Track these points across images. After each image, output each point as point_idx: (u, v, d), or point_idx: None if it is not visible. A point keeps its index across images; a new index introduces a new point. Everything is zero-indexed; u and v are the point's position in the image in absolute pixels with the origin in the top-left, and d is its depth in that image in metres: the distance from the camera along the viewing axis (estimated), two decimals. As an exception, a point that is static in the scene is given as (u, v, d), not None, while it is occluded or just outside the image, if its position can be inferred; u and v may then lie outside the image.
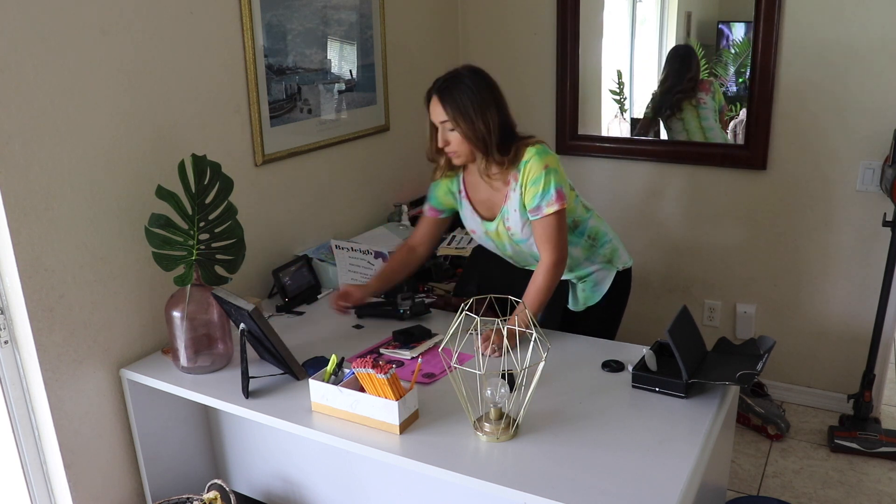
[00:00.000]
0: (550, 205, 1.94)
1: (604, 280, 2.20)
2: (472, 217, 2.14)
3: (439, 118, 1.95)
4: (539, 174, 1.94)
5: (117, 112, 1.90)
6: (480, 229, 2.14)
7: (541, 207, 1.95)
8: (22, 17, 1.65)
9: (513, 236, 2.06)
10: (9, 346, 1.81)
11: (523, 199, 1.98)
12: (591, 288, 2.21)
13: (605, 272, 2.20)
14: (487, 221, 2.10)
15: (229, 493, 1.99)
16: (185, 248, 1.87)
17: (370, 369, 1.59)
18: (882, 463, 2.67)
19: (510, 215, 2.03)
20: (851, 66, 2.65)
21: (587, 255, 2.18)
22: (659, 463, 1.50)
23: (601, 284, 2.20)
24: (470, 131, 1.93)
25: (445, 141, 1.97)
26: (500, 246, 2.15)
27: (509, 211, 2.03)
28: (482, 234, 2.15)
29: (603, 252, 2.19)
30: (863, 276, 2.84)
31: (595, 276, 2.20)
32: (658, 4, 3.18)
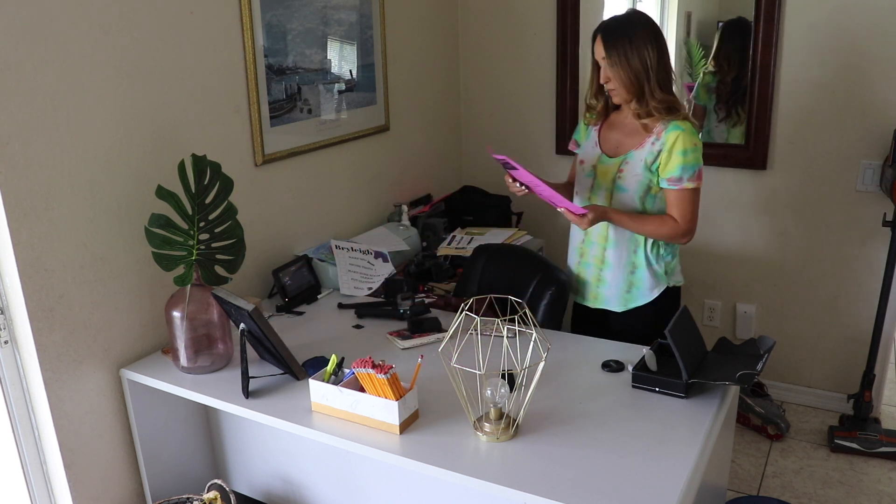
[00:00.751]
0: (692, 180, 2.02)
1: (652, 289, 2.15)
2: (592, 148, 2.18)
3: (599, 55, 2.03)
4: (690, 147, 2.00)
5: (117, 112, 1.90)
6: (593, 161, 2.16)
7: (682, 179, 2.01)
8: (22, 16, 1.65)
9: (619, 179, 2.08)
10: (9, 346, 1.81)
11: (660, 162, 2.03)
12: (638, 289, 2.15)
13: (656, 281, 2.14)
14: (606, 156, 2.13)
15: (229, 493, 1.99)
16: (185, 248, 1.87)
17: (370, 369, 1.59)
18: (882, 463, 2.67)
19: (633, 161, 2.06)
20: (851, 66, 2.65)
21: (655, 250, 2.14)
22: (659, 463, 1.50)
23: (649, 292, 2.15)
24: (626, 67, 1.99)
25: (606, 77, 2.04)
26: (596, 186, 2.15)
27: (636, 157, 2.06)
28: (590, 166, 2.16)
29: (667, 260, 2.16)
30: (863, 276, 2.84)
31: (645, 278, 2.14)
32: (658, 4, 3.18)
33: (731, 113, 2.95)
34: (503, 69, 3.28)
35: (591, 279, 2.21)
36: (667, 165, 2.02)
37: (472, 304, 1.68)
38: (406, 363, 1.85)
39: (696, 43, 3.02)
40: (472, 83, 3.38)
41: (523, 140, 3.32)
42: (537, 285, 2.25)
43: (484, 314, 1.70)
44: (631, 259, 2.14)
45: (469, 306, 1.63)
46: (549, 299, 2.21)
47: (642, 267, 2.14)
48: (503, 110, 3.33)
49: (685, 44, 3.05)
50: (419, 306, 2.20)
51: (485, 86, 3.35)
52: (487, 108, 3.37)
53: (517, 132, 3.33)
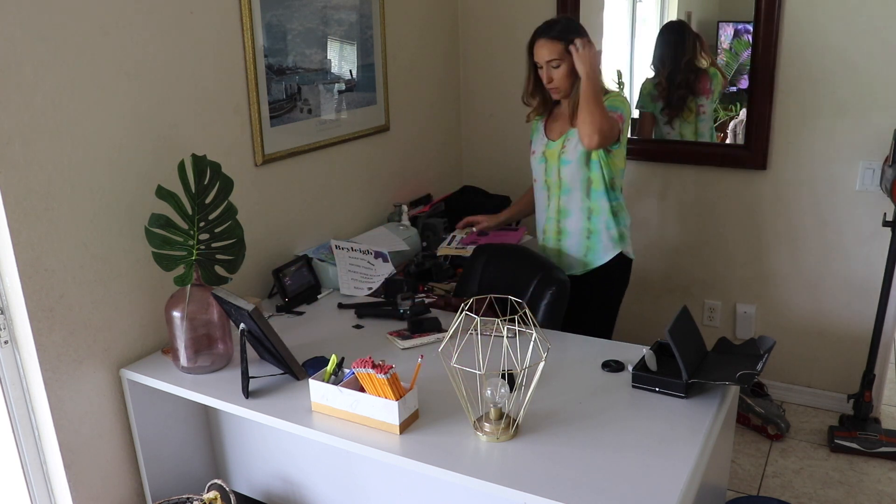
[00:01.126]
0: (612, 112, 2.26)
1: (608, 251, 2.42)
2: (540, 139, 2.48)
3: (546, 57, 2.30)
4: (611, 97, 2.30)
5: (117, 112, 1.90)
6: (541, 149, 2.46)
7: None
8: (22, 17, 1.65)
9: (563, 154, 2.37)
10: (9, 346, 1.81)
11: None
12: (596, 251, 2.42)
13: (612, 244, 2.42)
14: (551, 141, 2.43)
15: (229, 493, 1.99)
16: (185, 248, 1.87)
17: (370, 369, 1.59)
18: (882, 463, 2.67)
19: (573, 136, 2.34)
20: (851, 66, 2.65)
21: (608, 217, 2.40)
22: (659, 463, 1.50)
23: (605, 253, 2.41)
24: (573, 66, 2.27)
25: (550, 78, 2.32)
26: (547, 170, 2.44)
27: (574, 133, 2.33)
28: (540, 154, 2.46)
29: (620, 227, 2.43)
30: (863, 276, 2.84)
31: (602, 241, 2.41)
32: (658, 4, 3.18)
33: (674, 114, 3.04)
34: (503, 69, 3.28)
35: (554, 250, 2.49)
36: None
37: (472, 304, 1.68)
38: (406, 363, 1.85)
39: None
40: (472, 83, 3.38)
41: (523, 140, 3.32)
42: (537, 285, 2.25)
43: (484, 314, 1.70)
44: (585, 226, 2.41)
45: (469, 306, 1.63)
46: (549, 299, 2.21)
47: (597, 232, 2.41)
48: (503, 110, 3.33)
49: (685, 44, 3.05)
50: (419, 306, 2.20)
51: (485, 86, 3.35)
52: (487, 108, 3.37)
53: (517, 132, 3.33)
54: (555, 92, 2.36)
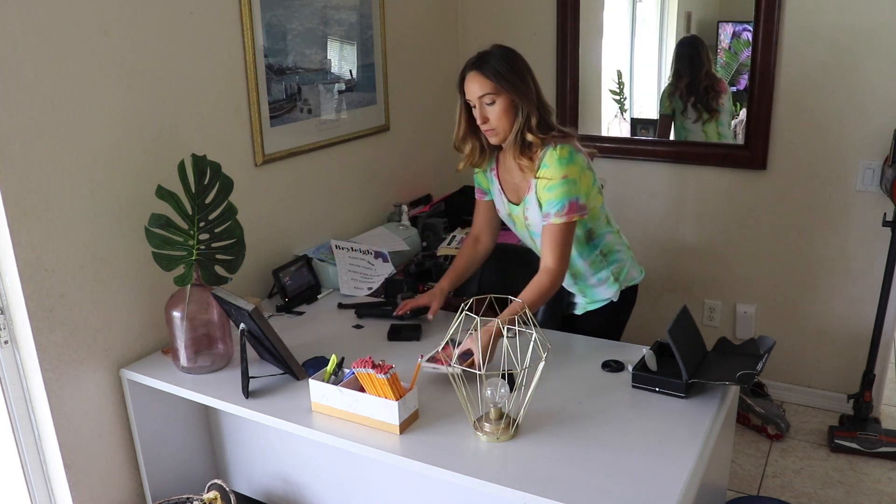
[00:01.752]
0: (559, 215, 1.91)
1: (605, 294, 2.16)
2: (499, 197, 2.13)
3: (479, 92, 1.91)
4: (555, 182, 1.90)
5: (117, 112, 1.90)
6: (505, 210, 2.14)
7: (549, 214, 1.93)
8: (22, 17, 1.65)
9: (529, 227, 2.06)
10: (9, 346, 1.81)
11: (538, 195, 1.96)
12: (593, 296, 2.18)
13: (607, 288, 2.15)
14: (513, 204, 2.09)
15: (229, 493, 1.99)
16: (185, 248, 1.87)
17: (370, 369, 1.59)
18: (882, 463, 2.67)
19: (530, 206, 2.01)
20: (851, 67, 2.65)
21: (594, 270, 2.14)
22: (659, 463, 1.50)
23: (602, 296, 2.17)
24: (514, 96, 1.90)
25: (484, 118, 1.93)
26: (520, 233, 2.17)
27: (530, 202, 2.00)
28: (506, 216, 2.15)
29: (611, 269, 2.15)
30: (863, 276, 2.84)
31: (596, 291, 2.17)
32: (658, 4, 3.18)
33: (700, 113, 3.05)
34: (503, 69, 3.27)
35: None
36: (542, 202, 1.96)
37: (472, 304, 1.68)
38: (406, 363, 1.85)
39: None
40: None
41: (523, 140, 3.32)
42: (537, 285, 2.24)
43: (484, 314, 1.70)
44: (575, 284, 2.17)
45: (469, 306, 1.63)
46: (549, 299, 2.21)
47: (589, 287, 2.16)
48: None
49: (685, 44, 3.06)
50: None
51: (485, 86, 3.34)
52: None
53: (517, 132, 3.33)
54: (491, 134, 1.96)
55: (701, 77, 3.03)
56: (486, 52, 1.95)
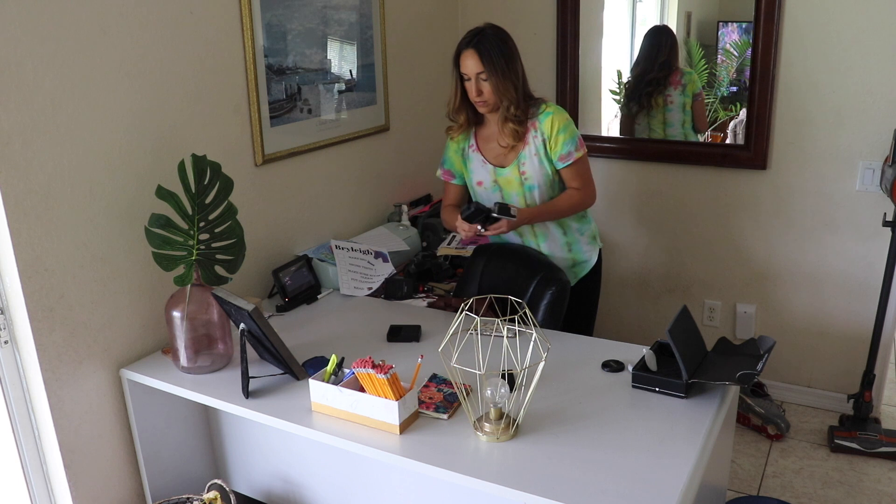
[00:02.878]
0: (579, 149, 2.23)
1: (591, 255, 2.42)
2: (481, 167, 2.33)
3: (475, 69, 2.17)
4: (566, 123, 2.22)
5: (117, 112, 1.90)
6: (490, 178, 2.31)
7: (571, 153, 2.22)
8: (22, 16, 1.65)
9: (526, 180, 2.26)
10: (9, 346, 1.81)
11: (549, 147, 2.22)
12: (580, 261, 2.40)
13: (591, 247, 2.42)
14: (500, 168, 2.29)
15: (229, 493, 1.99)
16: (185, 248, 1.87)
17: (370, 369, 1.59)
18: (882, 463, 2.67)
19: (528, 160, 2.24)
20: (851, 66, 2.65)
21: (578, 226, 2.38)
22: (659, 463, 1.50)
23: (590, 259, 2.41)
24: (504, 77, 2.16)
25: (479, 90, 2.19)
26: (506, 195, 2.32)
27: (528, 155, 2.24)
28: (490, 182, 2.32)
29: (590, 228, 2.43)
30: (863, 276, 2.84)
31: (583, 249, 2.40)
32: (658, 4, 3.18)
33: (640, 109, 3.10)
34: (503, 69, 3.27)
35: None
36: (555, 148, 2.22)
37: (472, 304, 1.68)
38: (406, 363, 1.85)
39: (696, 43, 3.02)
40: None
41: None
42: (537, 285, 2.25)
43: (484, 314, 1.70)
44: (564, 240, 2.38)
45: (469, 306, 1.63)
46: (549, 299, 2.21)
47: (575, 242, 2.39)
48: (503, 110, 3.33)
49: (685, 44, 3.06)
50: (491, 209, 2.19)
51: (485, 86, 3.34)
52: (487, 108, 3.37)
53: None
54: (482, 105, 2.22)
55: (654, 68, 3.04)
56: (481, 31, 2.20)
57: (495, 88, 2.16)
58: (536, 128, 2.23)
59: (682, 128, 3.06)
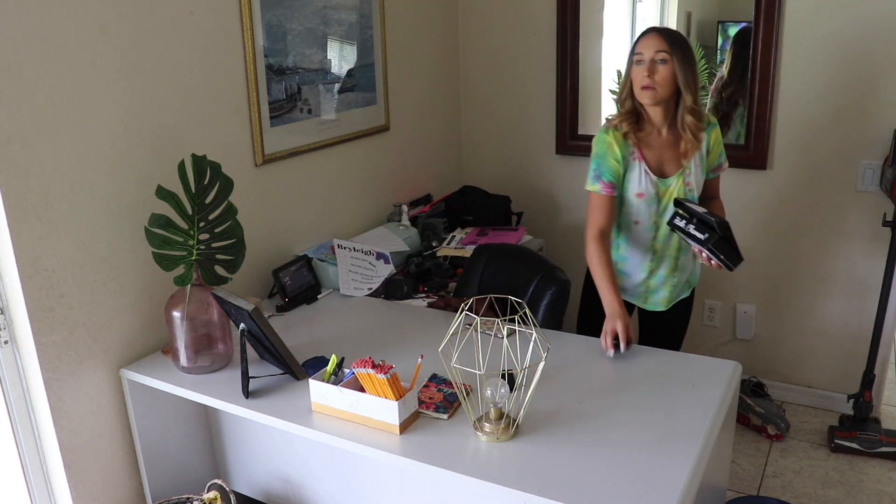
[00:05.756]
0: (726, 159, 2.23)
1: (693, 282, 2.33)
2: (643, 177, 2.09)
3: (656, 47, 2.01)
4: (720, 137, 2.18)
5: (117, 112, 1.90)
6: (652, 190, 2.10)
7: (723, 164, 2.21)
8: (22, 16, 1.65)
9: (689, 192, 2.12)
10: (9, 346, 1.81)
11: (708, 159, 2.16)
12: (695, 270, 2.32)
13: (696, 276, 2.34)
14: (662, 178, 2.10)
15: (229, 493, 1.99)
16: (185, 248, 1.87)
17: (370, 369, 1.59)
18: (882, 463, 2.67)
19: (693, 170, 2.12)
20: (851, 66, 2.65)
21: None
22: (659, 463, 1.50)
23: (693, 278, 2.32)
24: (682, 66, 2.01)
25: (652, 71, 2.01)
26: (661, 209, 2.13)
27: (693, 166, 2.12)
28: (652, 196, 2.10)
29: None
30: (863, 276, 2.84)
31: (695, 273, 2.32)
32: (658, 4, 3.18)
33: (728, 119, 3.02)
34: (503, 69, 3.28)
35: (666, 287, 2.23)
36: (714, 158, 2.18)
37: (472, 304, 1.68)
38: (406, 363, 1.85)
39: (696, 43, 3.02)
40: (472, 83, 3.38)
41: (523, 140, 3.32)
42: (538, 285, 2.25)
43: (484, 314, 1.70)
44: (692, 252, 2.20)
45: (469, 306, 1.63)
46: (549, 299, 2.21)
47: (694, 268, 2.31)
48: (503, 110, 3.33)
49: (685, 44, 3.05)
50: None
51: (485, 86, 3.35)
52: (487, 108, 3.37)
53: (517, 132, 3.33)
54: (648, 92, 2.01)
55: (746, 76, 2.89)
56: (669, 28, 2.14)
57: (672, 75, 2.00)
58: (702, 138, 2.11)
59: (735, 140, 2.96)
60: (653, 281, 2.22)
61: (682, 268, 2.23)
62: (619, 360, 1.92)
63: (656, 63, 2.00)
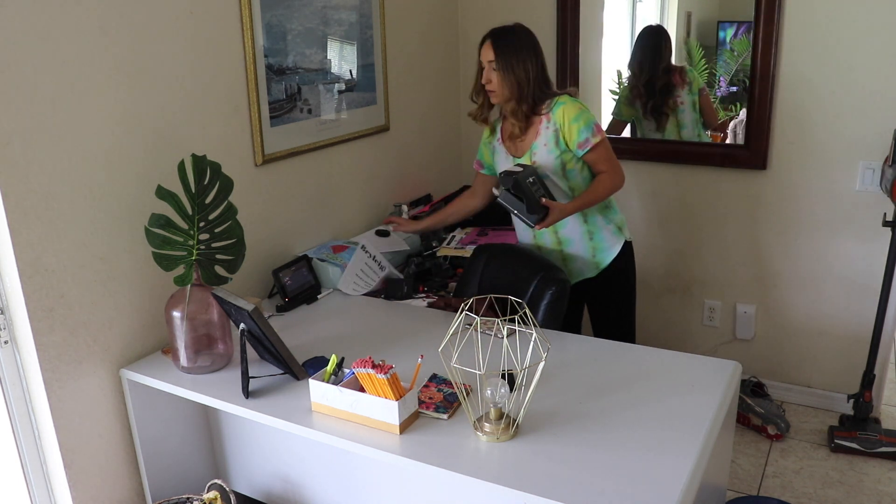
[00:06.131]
0: (595, 135, 2.28)
1: (614, 244, 2.41)
2: (505, 158, 2.42)
3: (487, 58, 2.29)
4: (577, 112, 2.27)
5: (117, 112, 1.90)
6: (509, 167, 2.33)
7: (589, 139, 2.27)
8: (22, 17, 1.65)
9: (539, 169, 2.31)
10: (9, 346, 1.81)
11: (564, 137, 2.28)
12: (603, 249, 2.41)
13: (615, 238, 2.42)
14: (516, 158, 2.37)
15: (229, 493, 1.99)
16: (185, 248, 1.87)
17: (370, 369, 1.59)
18: (882, 463, 2.67)
19: (539, 149, 2.31)
20: (851, 67, 2.65)
21: (603, 214, 2.41)
22: (659, 463, 1.50)
23: (612, 248, 2.41)
24: (510, 73, 2.26)
25: (488, 79, 2.30)
26: None
27: (538, 146, 2.31)
28: None
29: (615, 218, 2.44)
30: (863, 276, 2.84)
31: (606, 237, 2.41)
32: (658, 4, 3.18)
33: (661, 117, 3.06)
34: (503, 69, 3.27)
35: (558, 258, 2.43)
36: (571, 136, 2.28)
37: (472, 304, 1.68)
38: (406, 363, 1.85)
39: (696, 43, 3.02)
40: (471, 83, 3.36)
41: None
42: (537, 285, 2.25)
43: (484, 314, 1.70)
44: (586, 228, 2.39)
45: (469, 306, 1.63)
46: (549, 299, 2.21)
47: (598, 230, 2.40)
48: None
49: (685, 44, 3.06)
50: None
51: (485, 86, 3.34)
52: (487, 108, 3.37)
53: (517, 132, 3.33)
54: (491, 94, 2.33)
55: (659, 73, 3.02)
56: (506, 28, 2.31)
57: (503, 80, 2.26)
58: (550, 119, 2.29)
59: (695, 128, 3.05)
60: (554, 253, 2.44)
61: (564, 241, 2.41)
62: (619, 360, 1.92)
63: (491, 70, 2.29)
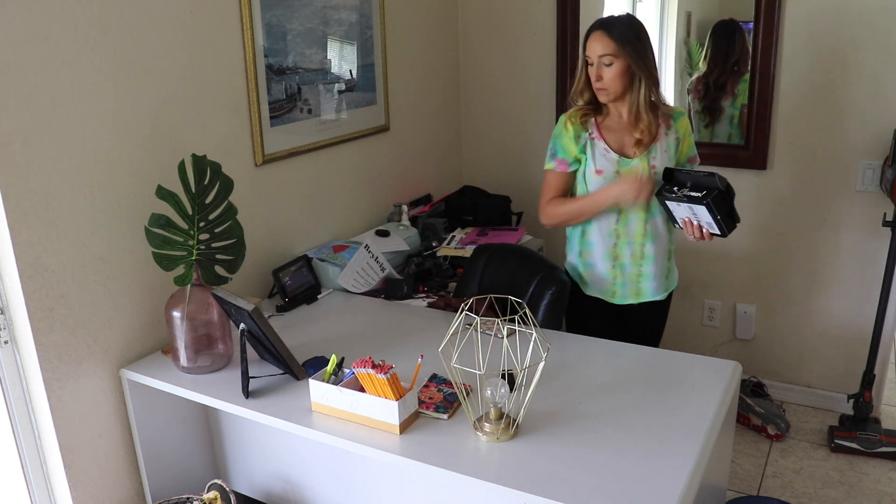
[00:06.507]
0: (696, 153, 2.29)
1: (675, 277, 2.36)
2: (604, 156, 2.16)
3: (599, 52, 2.06)
4: (689, 127, 2.25)
5: (117, 112, 1.90)
6: (611, 168, 2.16)
7: (696, 156, 2.28)
8: (22, 17, 1.65)
9: (655, 175, 2.15)
10: (9, 346, 1.81)
11: (681, 147, 2.22)
12: (674, 270, 2.35)
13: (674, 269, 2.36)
14: (626, 158, 2.16)
15: (229, 493, 1.99)
16: (185, 248, 1.87)
17: (370, 369, 1.59)
18: (882, 463, 2.67)
19: (659, 154, 2.17)
20: (851, 67, 2.65)
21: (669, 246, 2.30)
22: (659, 463, 1.50)
23: (676, 270, 2.36)
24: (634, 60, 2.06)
25: (599, 76, 2.09)
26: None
27: (658, 150, 2.17)
28: (612, 174, 2.16)
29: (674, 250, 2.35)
30: (863, 276, 2.84)
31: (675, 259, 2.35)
32: (658, 4, 3.18)
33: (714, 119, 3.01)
34: (503, 69, 3.28)
35: (630, 277, 2.25)
36: (685, 149, 2.23)
37: (472, 304, 1.68)
38: (406, 363, 1.85)
39: (695, 43, 3.02)
40: (472, 83, 3.38)
41: (523, 139, 3.32)
42: (538, 285, 2.25)
43: (484, 314, 1.70)
44: (668, 248, 2.28)
45: (469, 306, 1.63)
46: (549, 299, 2.21)
47: (673, 252, 2.32)
48: (503, 110, 3.33)
49: (685, 44, 3.06)
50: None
51: (485, 86, 3.35)
52: (487, 107, 3.37)
53: (517, 132, 3.33)
54: (601, 93, 2.11)
55: (728, 69, 2.91)
56: (616, 17, 2.11)
57: (621, 73, 2.06)
58: (671, 126, 2.18)
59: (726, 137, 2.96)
60: (618, 271, 2.24)
61: (647, 257, 2.22)
62: (619, 360, 1.92)
63: (602, 66, 2.08)
